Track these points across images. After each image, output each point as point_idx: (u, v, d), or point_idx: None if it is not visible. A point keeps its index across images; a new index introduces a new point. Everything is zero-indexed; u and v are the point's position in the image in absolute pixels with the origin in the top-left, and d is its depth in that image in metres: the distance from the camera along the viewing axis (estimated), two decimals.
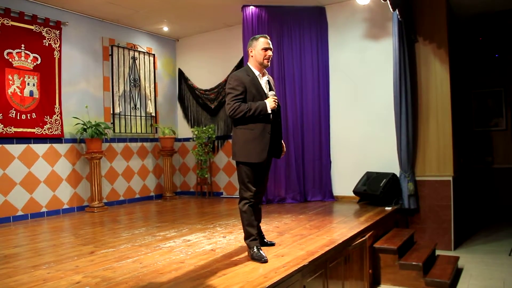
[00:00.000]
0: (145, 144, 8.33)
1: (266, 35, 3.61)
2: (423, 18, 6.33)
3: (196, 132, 8.30)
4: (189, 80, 8.95)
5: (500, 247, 6.09)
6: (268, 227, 4.94)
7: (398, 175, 6.31)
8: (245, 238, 3.58)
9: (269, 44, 3.57)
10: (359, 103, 6.95)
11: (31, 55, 6.40)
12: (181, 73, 9.10)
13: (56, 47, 6.73)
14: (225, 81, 8.25)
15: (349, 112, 7.05)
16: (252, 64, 3.59)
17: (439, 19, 6.22)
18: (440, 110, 6.22)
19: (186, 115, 8.99)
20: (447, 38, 6.21)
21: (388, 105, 6.52)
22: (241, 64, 7.95)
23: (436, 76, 6.27)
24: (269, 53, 3.53)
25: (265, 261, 3.38)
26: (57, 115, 6.72)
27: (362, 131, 6.90)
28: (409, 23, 6.25)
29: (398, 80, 6.18)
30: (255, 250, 3.48)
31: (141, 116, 8.24)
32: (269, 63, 3.57)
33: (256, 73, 3.55)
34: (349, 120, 7.03)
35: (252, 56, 3.58)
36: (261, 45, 3.55)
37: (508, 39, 8.05)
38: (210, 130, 8.25)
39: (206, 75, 8.68)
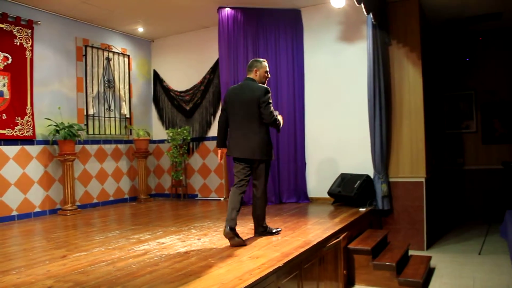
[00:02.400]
0: (119, 146, 8.24)
1: (265, 60, 4.47)
2: (397, 22, 6.42)
3: (171, 134, 8.24)
4: (164, 81, 8.90)
5: (471, 246, 6.21)
6: (243, 229, 4.93)
7: (372, 177, 6.38)
8: (263, 222, 4.49)
9: (268, 67, 4.47)
10: (334, 105, 7.00)
11: (1, 55, 6.26)
12: (156, 74, 9.03)
13: (27, 47, 6.59)
14: (201, 82, 8.31)
15: (324, 114, 7.09)
16: (255, 79, 4.34)
17: (412, 23, 6.32)
18: (413, 113, 6.31)
19: (161, 117, 8.93)
20: (420, 42, 6.30)
21: (362, 108, 6.58)
22: (217, 65, 7.93)
23: (409, 79, 6.36)
24: (269, 75, 4.46)
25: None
26: (29, 116, 6.59)
27: (337, 133, 6.95)
28: (383, 27, 6.34)
29: (372, 83, 6.25)
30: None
31: (115, 117, 8.14)
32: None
33: None
34: (324, 122, 7.07)
35: (256, 75, 4.35)
36: (265, 68, 4.39)
37: (478, 44, 8.21)
38: (185, 132, 8.20)
39: (182, 76, 8.63)
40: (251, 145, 4.17)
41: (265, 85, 4.29)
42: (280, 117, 4.35)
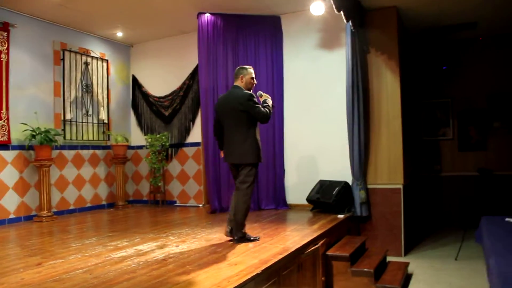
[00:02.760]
0: (97, 151, 8.15)
1: (251, 67, 4.66)
2: (375, 30, 6.50)
3: (149, 140, 8.19)
4: (143, 86, 8.85)
5: (447, 251, 6.29)
6: (221, 235, 4.91)
7: (350, 183, 6.42)
8: (241, 228, 4.52)
9: (254, 74, 4.65)
10: (313, 111, 7.04)
11: None
12: (135, 79, 8.98)
13: (3, 50, 6.47)
14: (180, 88, 8.30)
15: (303, 120, 7.12)
16: (243, 87, 4.54)
17: (390, 31, 6.40)
18: (391, 120, 6.38)
19: (139, 123, 8.86)
20: (398, 50, 6.38)
21: (341, 115, 6.63)
22: (196, 71, 7.94)
23: (388, 87, 6.43)
24: (255, 81, 4.64)
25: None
26: (4, 121, 6.46)
27: (316, 140, 6.98)
28: (362, 35, 6.41)
29: (350, 89, 6.30)
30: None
31: (93, 123, 8.05)
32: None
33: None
34: (303, 128, 7.10)
35: (242, 82, 4.55)
36: (251, 74, 4.58)
37: (454, 52, 8.37)
38: (163, 137, 8.16)
39: (161, 82, 8.60)
40: (237, 150, 4.41)
41: (250, 91, 4.48)
42: (269, 100, 4.63)
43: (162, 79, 8.59)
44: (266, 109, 4.45)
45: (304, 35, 7.13)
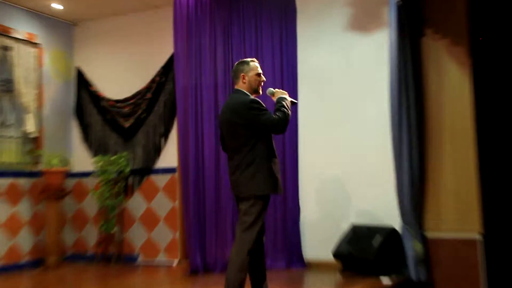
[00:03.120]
0: (19, 180, 7.92)
1: (255, 59, 4.75)
2: (434, 2, 6.28)
3: (100, 164, 8.11)
4: (92, 85, 8.79)
5: None
6: None
7: (399, 230, 6.16)
8: None
9: (259, 68, 4.73)
10: (341, 123, 6.90)
11: None
12: (80, 74, 8.94)
13: None
14: (147, 88, 8.31)
15: (325, 135, 6.97)
16: (246, 89, 4.61)
17: (456, 3, 6.16)
18: (458, 135, 6.09)
19: (86, 138, 8.80)
20: (467, 31, 6.14)
21: (382, 126, 6.44)
22: (171, 64, 7.91)
23: (452, 85, 6.17)
24: (263, 79, 4.71)
25: None
26: None
27: (345, 164, 6.81)
28: (413, 9, 6.22)
29: (396, 90, 6.08)
30: None
31: (14, 137, 7.82)
32: (260, 90, 4.71)
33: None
34: (326, 146, 6.94)
35: (244, 82, 4.61)
36: (256, 70, 4.66)
37: None
38: (122, 160, 8.08)
39: (119, 78, 8.60)
40: (238, 177, 4.50)
41: (252, 96, 4.58)
42: (286, 96, 4.67)
43: (121, 74, 8.59)
44: (279, 112, 4.44)
45: (327, 13, 7.05)
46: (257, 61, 4.77)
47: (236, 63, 4.80)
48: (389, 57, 6.28)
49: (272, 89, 4.85)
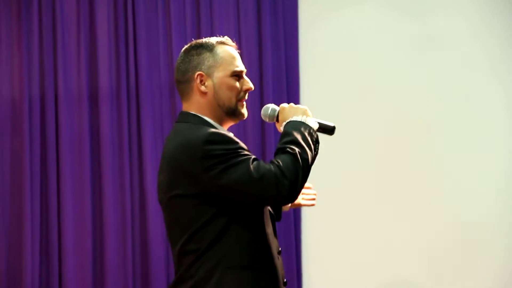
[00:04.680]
0: None
1: (227, 38, 2.69)
2: None
3: None
4: None
5: None
6: None
7: None
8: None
9: (240, 59, 2.66)
10: (351, 138, 5.40)
11: None
12: None
13: None
14: None
15: (350, 163, 5.42)
16: (206, 112, 2.57)
17: None
18: None
19: None
20: None
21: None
22: None
23: None
24: (249, 84, 2.63)
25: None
26: None
27: (385, 229, 5.32)
28: None
29: None
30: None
31: None
32: (245, 111, 2.65)
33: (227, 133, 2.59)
34: (353, 189, 5.36)
35: (204, 94, 2.55)
36: (228, 63, 2.59)
37: None
38: None
39: None
40: None
41: (215, 127, 2.58)
42: (308, 122, 2.57)
43: None
44: (285, 155, 2.42)
45: None
46: (233, 43, 2.74)
47: (183, 50, 2.70)
48: None
49: (273, 106, 2.70)
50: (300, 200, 2.78)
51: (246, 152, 2.37)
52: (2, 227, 5.25)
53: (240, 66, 2.57)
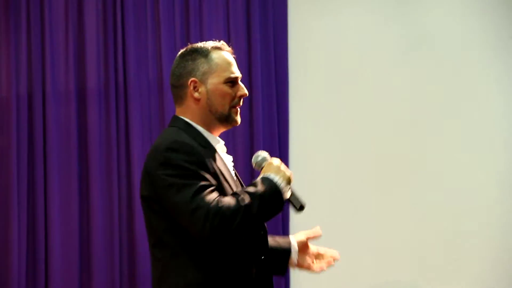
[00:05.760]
0: None
1: (223, 43, 2.64)
2: None
3: None
4: None
5: None
6: None
7: None
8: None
9: (235, 64, 2.60)
10: (343, 138, 5.38)
11: None
12: None
13: None
14: None
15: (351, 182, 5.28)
16: (196, 117, 2.53)
17: None
18: None
19: None
20: None
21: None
22: None
23: None
24: (244, 91, 2.57)
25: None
26: None
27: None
28: None
29: None
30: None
31: None
32: (239, 118, 2.60)
33: (215, 141, 2.54)
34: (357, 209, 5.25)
35: (197, 101, 2.52)
36: (223, 69, 2.53)
37: None
38: None
39: None
40: None
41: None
42: (280, 185, 2.43)
43: None
44: (242, 199, 2.32)
45: None
46: (228, 48, 2.69)
47: (179, 54, 2.67)
48: None
49: (263, 155, 2.59)
50: (309, 263, 2.65)
51: (202, 174, 2.32)
52: None
53: (235, 72, 2.54)
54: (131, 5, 5.23)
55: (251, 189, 2.27)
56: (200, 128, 2.50)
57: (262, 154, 2.52)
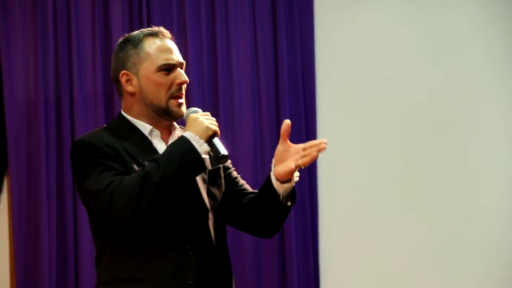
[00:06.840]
0: None
1: (161, 28, 2.42)
2: None
3: None
4: None
5: None
6: None
7: None
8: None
9: (175, 51, 2.36)
10: (369, 137, 5.35)
11: None
12: None
13: None
14: None
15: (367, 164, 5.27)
16: (137, 115, 2.36)
17: None
18: None
19: None
20: None
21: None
22: None
23: None
24: (182, 77, 2.32)
25: None
26: None
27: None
28: None
29: None
30: None
31: None
32: (182, 109, 2.35)
33: (146, 130, 2.32)
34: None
35: (132, 95, 2.34)
36: (155, 57, 2.33)
37: None
38: None
39: None
40: None
41: (173, 115, 2.40)
42: (199, 125, 2.26)
43: None
44: (147, 167, 2.19)
45: None
46: (167, 34, 2.47)
47: (117, 45, 2.51)
48: None
49: (192, 109, 2.43)
50: (299, 161, 2.24)
51: (105, 163, 2.20)
52: (19, 230, 5.22)
53: (170, 59, 2.35)
54: (157, 8, 5.23)
55: (158, 155, 2.18)
56: (139, 122, 2.39)
57: (191, 109, 2.38)
